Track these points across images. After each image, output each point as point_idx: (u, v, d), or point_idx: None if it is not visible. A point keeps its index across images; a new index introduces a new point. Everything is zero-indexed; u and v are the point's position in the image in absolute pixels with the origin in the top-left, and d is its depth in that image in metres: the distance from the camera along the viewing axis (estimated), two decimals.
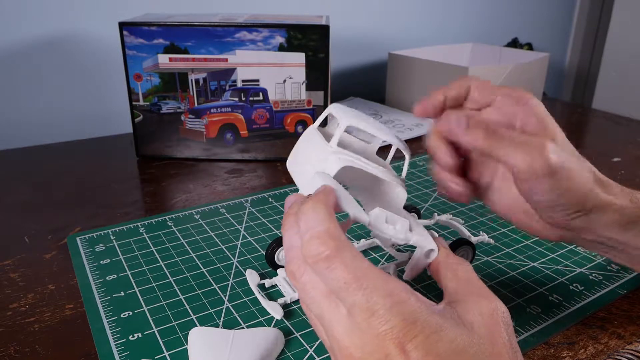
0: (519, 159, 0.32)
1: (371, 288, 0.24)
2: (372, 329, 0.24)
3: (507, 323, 0.26)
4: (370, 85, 1.11)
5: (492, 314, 0.26)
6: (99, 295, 0.42)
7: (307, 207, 0.27)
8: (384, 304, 0.24)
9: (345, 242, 0.26)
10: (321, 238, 0.25)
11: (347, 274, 0.25)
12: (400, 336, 0.23)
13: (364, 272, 0.25)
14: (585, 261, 0.48)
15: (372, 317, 0.24)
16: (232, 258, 0.48)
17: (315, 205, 0.27)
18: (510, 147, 0.32)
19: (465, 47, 1.11)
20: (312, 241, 0.26)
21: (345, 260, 0.25)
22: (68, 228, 0.54)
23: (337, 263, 0.25)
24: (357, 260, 0.25)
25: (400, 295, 0.24)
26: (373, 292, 0.24)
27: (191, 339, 0.36)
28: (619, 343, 0.38)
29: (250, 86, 0.69)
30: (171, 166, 0.71)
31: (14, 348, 0.37)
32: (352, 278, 0.24)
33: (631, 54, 1.29)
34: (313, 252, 0.25)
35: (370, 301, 0.24)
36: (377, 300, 0.24)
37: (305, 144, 0.36)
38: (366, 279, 0.24)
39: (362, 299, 0.24)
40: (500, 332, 0.25)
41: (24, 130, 0.81)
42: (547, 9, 1.42)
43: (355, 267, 0.25)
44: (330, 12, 0.96)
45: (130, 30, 0.66)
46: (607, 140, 0.87)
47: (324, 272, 0.25)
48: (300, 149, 0.36)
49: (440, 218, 0.53)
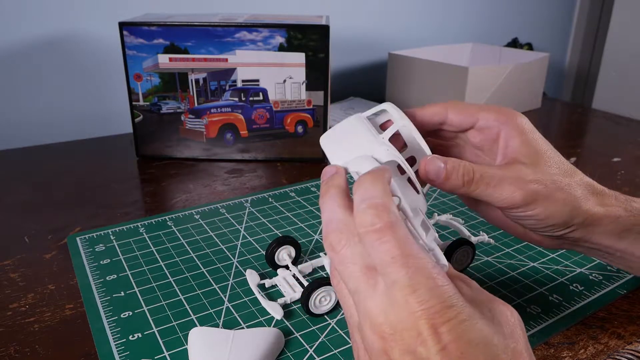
0: (496, 196, 0.33)
1: (416, 267, 0.24)
2: (409, 307, 0.24)
3: (522, 324, 0.27)
4: (370, 85, 1.11)
5: (511, 313, 0.26)
6: (99, 295, 0.42)
7: (367, 179, 0.28)
8: (426, 284, 0.24)
9: (399, 220, 0.26)
10: (378, 209, 0.26)
11: (396, 250, 0.25)
12: (435, 317, 0.23)
13: (413, 251, 0.25)
14: (585, 261, 0.48)
15: (412, 295, 0.24)
16: (232, 258, 0.48)
17: (375, 178, 0.28)
18: (488, 187, 0.33)
19: (465, 47, 1.11)
20: (367, 211, 0.26)
21: (397, 235, 0.25)
22: (68, 228, 0.54)
23: (389, 237, 0.25)
24: (409, 239, 0.25)
25: (442, 280, 0.25)
26: (417, 272, 0.24)
27: (191, 339, 0.36)
28: (619, 343, 0.38)
29: (250, 86, 0.69)
30: (171, 166, 0.71)
31: (14, 348, 0.37)
32: (400, 254, 0.25)
33: (631, 54, 1.29)
34: (367, 222, 0.26)
35: (413, 279, 0.24)
36: (420, 280, 0.24)
37: (353, 127, 0.34)
38: (413, 258, 0.25)
39: (405, 277, 0.24)
40: (521, 332, 0.26)
41: (24, 130, 0.81)
42: (547, 9, 1.42)
43: (405, 244, 0.25)
44: (330, 12, 0.96)
45: (130, 30, 0.66)
46: (607, 140, 0.86)
47: (374, 243, 0.25)
48: (346, 130, 0.34)
49: (440, 218, 0.53)
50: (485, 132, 0.36)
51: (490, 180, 0.33)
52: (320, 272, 0.46)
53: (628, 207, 0.36)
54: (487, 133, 0.36)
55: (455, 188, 0.33)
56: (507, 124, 0.35)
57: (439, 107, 0.36)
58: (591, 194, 0.35)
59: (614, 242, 0.36)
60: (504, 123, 0.35)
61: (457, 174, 0.33)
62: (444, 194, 0.61)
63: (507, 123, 0.35)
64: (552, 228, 0.35)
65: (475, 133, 0.36)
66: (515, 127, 0.35)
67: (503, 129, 0.35)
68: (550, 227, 0.35)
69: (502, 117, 0.35)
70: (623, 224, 0.35)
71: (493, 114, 0.35)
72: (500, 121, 0.35)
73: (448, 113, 0.36)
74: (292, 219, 0.56)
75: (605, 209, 0.35)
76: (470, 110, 0.36)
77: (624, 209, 0.35)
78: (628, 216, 0.35)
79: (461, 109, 0.36)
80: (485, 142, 0.36)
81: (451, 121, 0.36)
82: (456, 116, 0.36)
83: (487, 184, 0.33)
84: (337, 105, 0.95)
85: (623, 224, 0.35)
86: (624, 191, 0.64)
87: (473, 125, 0.36)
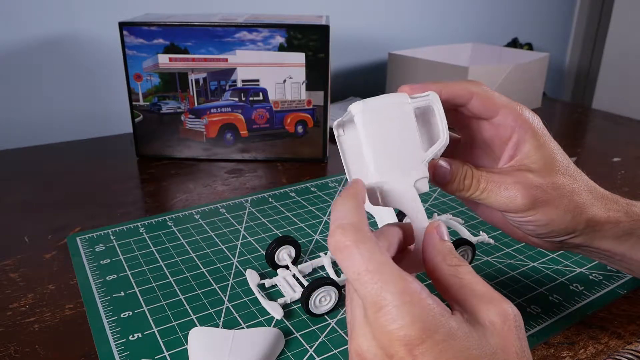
0: (495, 202, 0.33)
1: (382, 282, 0.24)
2: (379, 326, 0.23)
3: (519, 327, 0.25)
4: (370, 85, 1.11)
5: (504, 320, 0.25)
6: (99, 295, 0.42)
7: (338, 201, 0.28)
8: (392, 301, 0.23)
9: (367, 236, 0.26)
10: (344, 229, 0.26)
11: (360, 266, 0.25)
12: (408, 338, 0.23)
13: (378, 266, 0.24)
14: (585, 261, 0.48)
15: (379, 313, 0.23)
16: (232, 258, 0.48)
17: (344, 199, 0.28)
18: (490, 192, 0.33)
19: (465, 47, 1.11)
20: (335, 231, 0.26)
21: (361, 251, 0.25)
22: (68, 228, 0.54)
23: (354, 254, 0.25)
24: (375, 254, 0.25)
25: (413, 296, 0.24)
26: (383, 288, 0.24)
27: (191, 339, 0.36)
28: (619, 343, 0.38)
29: (250, 86, 0.69)
30: (171, 166, 0.71)
31: (14, 348, 0.37)
32: (364, 270, 0.24)
33: (631, 54, 1.29)
34: (333, 241, 0.26)
35: (379, 296, 0.24)
36: (386, 296, 0.23)
37: (397, 125, 0.30)
38: (379, 273, 0.24)
39: (372, 293, 0.24)
40: (513, 339, 0.25)
41: (24, 130, 0.81)
42: (547, 9, 1.42)
43: (370, 260, 0.25)
44: (330, 12, 0.96)
45: (130, 30, 0.66)
46: (607, 140, 0.86)
47: (341, 261, 0.26)
48: (392, 120, 0.30)
49: (440, 218, 0.53)
50: (500, 129, 0.34)
51: (491, 185, 0.33)
52: (320, 272, 0.46)
53: (629, 212, 0.35)
54: (501, 131, 0.34)
55: (459, 191, 0.33)
56: (523, 127, 0.34)
57: (464, 89, 0.34)
58: (594, 199, 0.34)
59: (614, 247, 0.36)
60: (521, 126, 0.34)
61: (459, 179, 0.33)
62: (444, 194, 0.61)
63: (523, 126, 0.34)
64: (553, 234, 0.34)
65: (489, 126, 0.35)
66: (531, 131, 0.34)
67: (517, 132, 0.34)
68: (550, 233, 0.34)
69: (520, 119, 0.34)
70: (624, 229, 0.35)
71: (513, 114, 0.34)
72: (518, 123, 0.34)
73: (472, 98, 0.34)
74: (292, 219, 0.56)
75: (607, 214, 0.34)
76: (493, 103, 0.34)
77: (625, 214, 0.35)
78: (629, 221, 0.35)
79: (486, 98, 0.34)
80: (496, 139, 0.35)
81: (472, 107, 0.34)
82: (479, 105, 0.34)
83: (488, 189, 0.33)
84: (337, 105, 0.95)
85: (624, 229, 0.35)
86: (623, 191, 0.64)
87: (490, 118, 0.35)
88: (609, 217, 0.34)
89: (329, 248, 0.27)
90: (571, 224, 0.34)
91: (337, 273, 0.45)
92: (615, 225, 0.35)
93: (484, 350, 0.24)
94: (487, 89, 0.34)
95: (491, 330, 0.25)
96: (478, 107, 0.34)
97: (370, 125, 0.30)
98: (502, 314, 0.25)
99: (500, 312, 0.25)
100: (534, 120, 0.34)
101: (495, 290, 0.26)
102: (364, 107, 0.30)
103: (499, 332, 0.25)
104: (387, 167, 0.30)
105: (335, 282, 0.40)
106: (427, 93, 0.32)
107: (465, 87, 0.34)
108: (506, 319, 0.25)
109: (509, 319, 0.25)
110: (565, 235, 0.34)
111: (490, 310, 0.25)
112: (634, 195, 0.63)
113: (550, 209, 0.33)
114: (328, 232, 0.29)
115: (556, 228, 0.34)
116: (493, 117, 0.34)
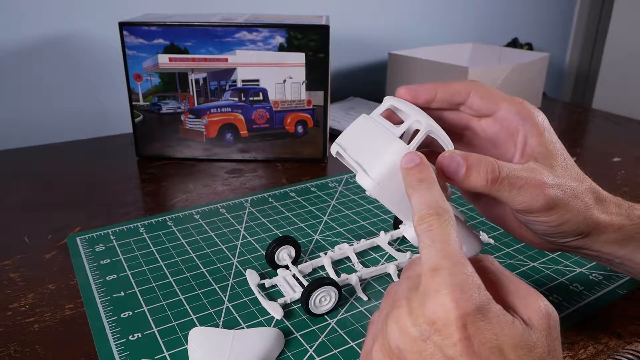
0: (517, 200, 0.31)
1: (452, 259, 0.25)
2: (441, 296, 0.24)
3: (553, 326, 0.26)
4: (370, 85, 1.11)
5: (546, 312, 0.26)
6: (99, 295, 0.42)
7: (422, 186, 0.29)
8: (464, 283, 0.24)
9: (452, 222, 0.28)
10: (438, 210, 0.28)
11: (438, 238, 0.27)
12: (466, 314, 0.23)
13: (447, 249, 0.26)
14: (585, 261, 0.48)
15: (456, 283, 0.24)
16: (232, 258, 0.48)
17: (430, 185, 0.29)
18: (512, 188, 0.31)
19: (465, 47, 1.11)
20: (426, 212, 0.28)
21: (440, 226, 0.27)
22: (68, 228, 0.54)
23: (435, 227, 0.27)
24: (448, 227, 0.27)
25: (474, 280, 0.25)
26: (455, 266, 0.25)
27: (191, 339, 0.36)
28: (619, 343, 0.38)
29: (250, 86, 0.69)
30: (171, 166, 0.71)
31: (14, 348, 0.37)
32: (440, 240, 0.26)
33: (631, 54, 1.29)
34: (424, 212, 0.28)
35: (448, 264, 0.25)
36: (444, 264, 0.25)
37: (364, 129, 0.33)
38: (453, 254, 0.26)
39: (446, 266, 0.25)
40: (553, 330, 0.25)
41: (24, 130, 0.81)
42: (547, 9, 1.42)
43: (443, 237, 0.26)
44: (330, 12, 0.96)
45: (130, 30, 0.66)
46: (607, 140, 0.86)
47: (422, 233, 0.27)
48: (358, 132, 0.33)
49: None
50: (504, 124, 0.33)
51: (516, 181, 0.31)
52: (320, 272, 0.46)
53: (630, 215, 0.35)
54: (505, 125, 0.33)
55: (476, 187, 0.31)
56: (527, 119, 0.33)
57: (461, 87, 0.33)
58: (597, 202, 0.34)
59: (615, 250, 0.35)
60: (525, 119, 0.33)
61: (478, 171, 0.30)
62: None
63: (527, 119, 0.33)
64: (562, 235, 0.33)
65: (492, 123, 0.34)
66: (536, 124, 0.33)
67: (523, 125, 0.33)
68: (561, 234, 0.33)
69: (524, 111, 0.33)
70: (625, 233, 0.34)
71: (515, 106, 0.33)
72: (522, 116, 0.33)
73: (470, 95, 0.33)
74: (292, 219, 0.56)
75: (610, 217, 0.34)
76: (493, 97, 0.33)
77: (627, 217, 0.34)
78: (630, 225, 0.34)
79: (484, 93, 0.33)
80: (502, 135, 0.34)
81: (471, 104, 0.33)
82: (478, 100, 0.33)
83: (512, 184, 0.31)
84: (337, 105, 0.95)
85: (625, 233, 0.34)
86: (623, 191, 0.64)
87: (492, 114, 0.34)
88: (612, 220, 0.34)
89: (417, 228, 0.27)
90: (581, 226, 0.33)
91: (337, 273, 0.45)
92: (617, 230, 0.34)
93: (526, 341, 0.24)
94: (485, 85, 0.34)
95: (537, 318, 0.25)
96: (478, 103, 0.34)
97: (347, 144, 0.34)
98: (544, 307, 0.26)
99: (542, 305, 0.26)
100: (537, 113, 0.33)
101: (531, 286, 0.27)
102: (337, 141, 0.34)
103: (541, 320, 0.25)
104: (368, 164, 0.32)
105: (335, 282, 0.40)
106: (385, 99, 0.34)
107: (462, 85, 0.34)
108: (547, 312, 0.26)
109: (549, 311, 0.26)
110: (573, 236, 0.34)
111: (536, 301, 0.26)
112: (634, 195, 0.63)
113: (566, 209, 0.32)
114: (330, 230, 0.28)
115: (568, 229, 0.33)
116: (495, 112, 0.34)
